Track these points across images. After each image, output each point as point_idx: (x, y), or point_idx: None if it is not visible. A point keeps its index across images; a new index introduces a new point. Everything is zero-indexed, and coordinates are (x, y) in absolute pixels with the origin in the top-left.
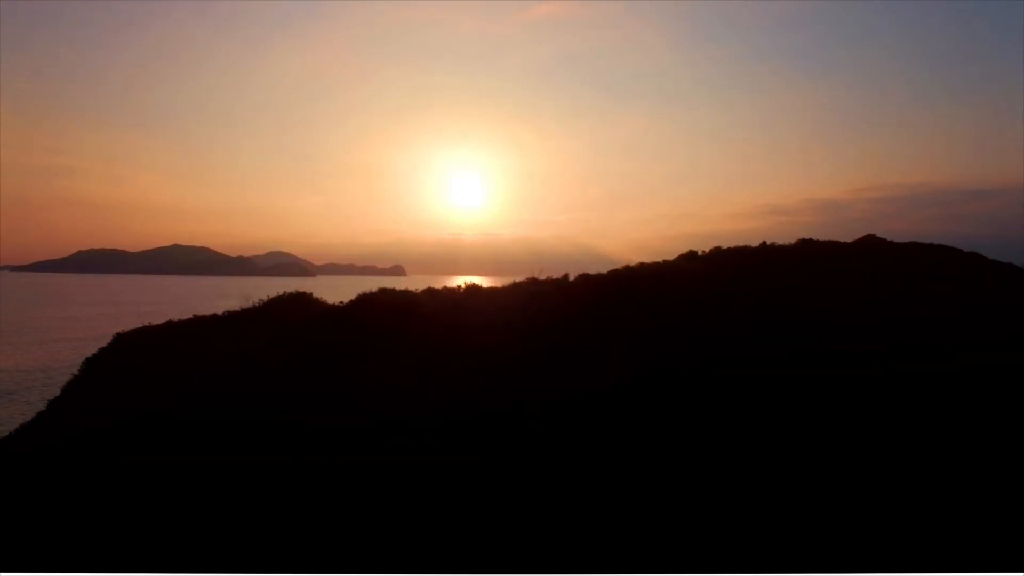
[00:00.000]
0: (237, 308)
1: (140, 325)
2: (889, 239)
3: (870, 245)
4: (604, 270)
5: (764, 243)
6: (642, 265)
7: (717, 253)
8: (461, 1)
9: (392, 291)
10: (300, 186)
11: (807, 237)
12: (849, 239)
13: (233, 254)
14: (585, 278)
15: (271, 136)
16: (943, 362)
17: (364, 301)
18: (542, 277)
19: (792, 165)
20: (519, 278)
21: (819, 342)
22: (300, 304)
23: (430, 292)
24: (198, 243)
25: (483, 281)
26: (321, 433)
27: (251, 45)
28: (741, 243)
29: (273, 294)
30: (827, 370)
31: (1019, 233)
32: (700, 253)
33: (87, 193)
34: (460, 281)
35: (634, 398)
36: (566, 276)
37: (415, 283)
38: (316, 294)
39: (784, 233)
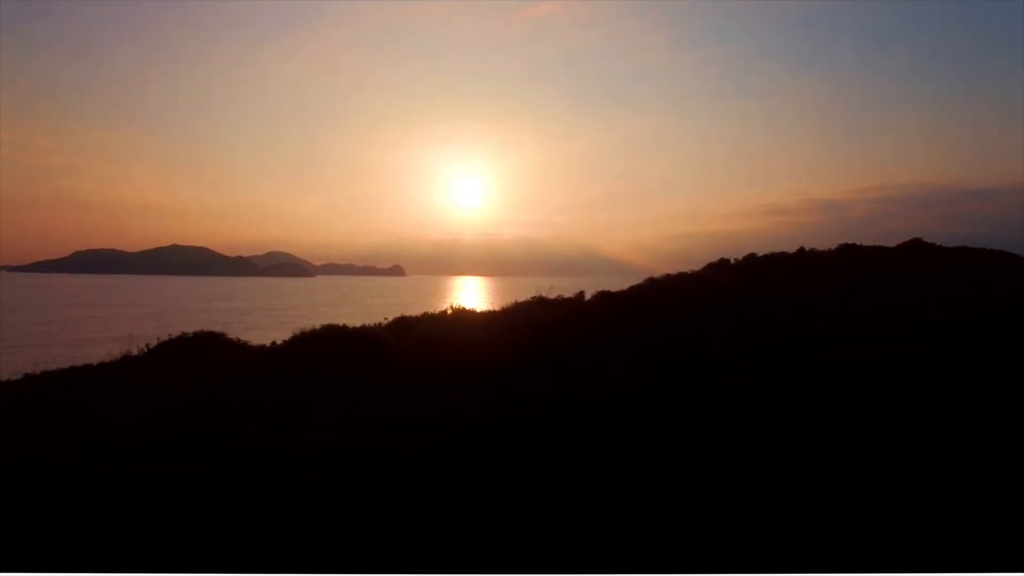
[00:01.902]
0: (118, 356)
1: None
2: (938, 243)
3: (914, 250)
4: (604, 271)
5: (802, 248)
6: (668, 276)
7: (751, 260)
8: (460, 1)
9: (343, 329)
10: (299, 186)
11: (849, 242)
12: (850, 240)
13: (232, 254)
14: (603, 296)
15: (270, 136)
16: (947, 367)
17: (302, 344)
18: (551, 296)
19: (792, 165)
20: (519, 279)
21: (829, 349)
22: (207, 347)
23: (402, 324)
24: (197, 243)
25: (482, 281)
26: (275, 453)
27: (250, 45)
28: (741, 243)
29: (273, 294)
30: (830, 376)
31: (1020, 233)
32: (733, 261)
33: (86, 193)
34: (460, 281)
35: (634, 409)
36: (581, 294)
37: (415, 283)
38: (314, 294)
39: (784, 233)
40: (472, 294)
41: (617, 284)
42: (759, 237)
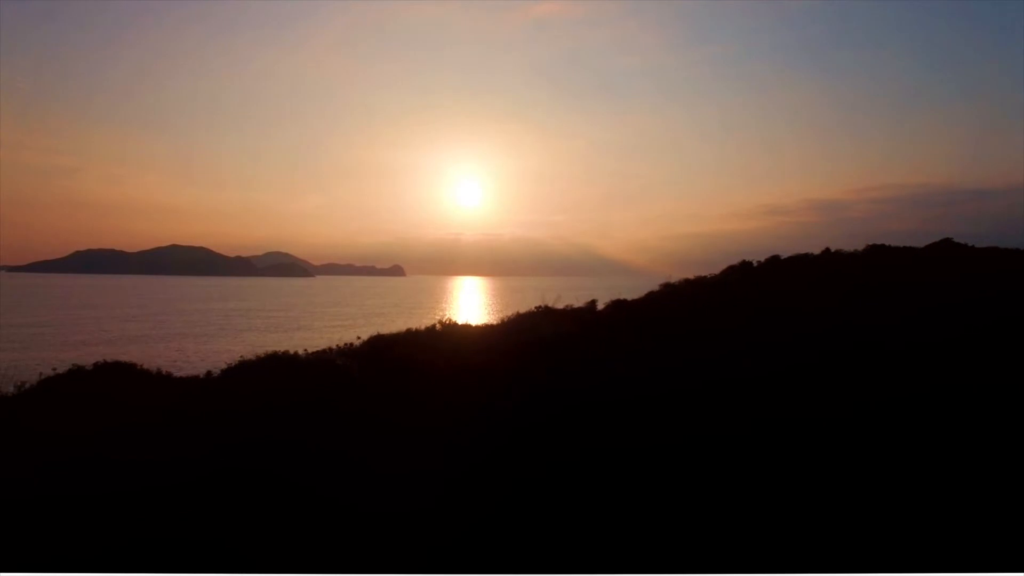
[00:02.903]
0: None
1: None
2: (969, 244)
3: (944, 251)
4: (604, 271)
5: (827, 249)
6: (687, 281)
7: (774, 263)
8: (460, 0)
9: (292, 359)
10: (299, 186)
11: (877, 243)
12: (851, 240)
13: (232, 254)
14: (618, 307)
15: (270, 136)
16: (945, 369)
17: (237, 378)
18: (559, 306)
19: (792, 165)
20: (519, 278)
21: (842, 354)
22: (111, 384)
23: (378, 344)
24: (196, 243)
25: (482, 281)
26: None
27: (250, 45)
28: (741, 243)
29: (273, 294)
30: (826, 379)
31: (1019, 233)
32: (755, 264)
33: (85, 193)
34: (460, 281)
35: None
36: (592, 304)
37: (414, 283)
38: (313, 295)
39: (784, 233)
40: (471, 295)
41: (618, 284)
42: (759, 237)
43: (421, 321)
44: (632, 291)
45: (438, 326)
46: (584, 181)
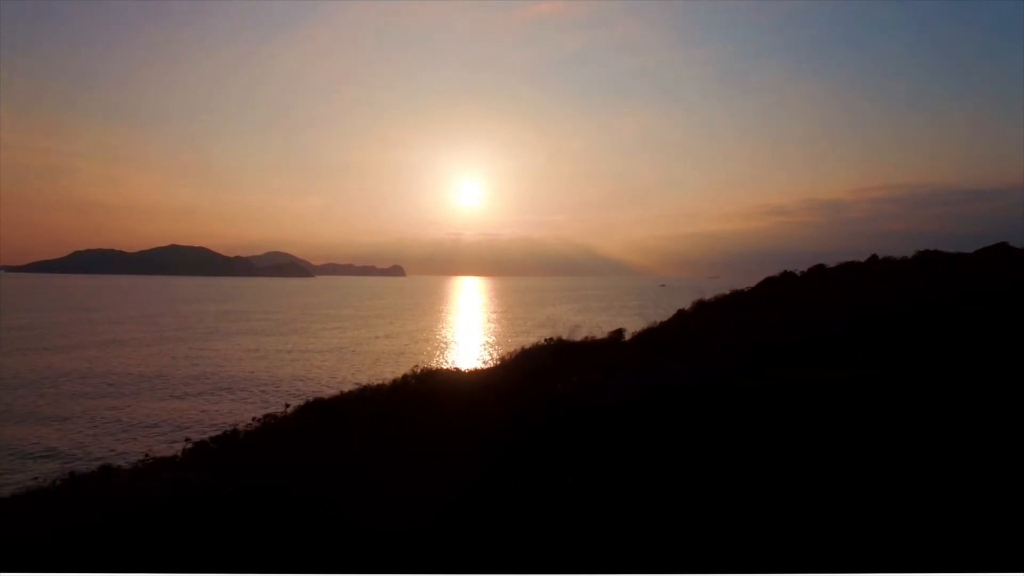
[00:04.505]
0: None
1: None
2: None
3: (996, 256)
4: (604, 271)
5: (875, 256)
6: (721, 297)
7: (818, 272)
8: (460, 0)
9: (93, 484)
10: (299, 186)
11: (928, 249)
12: (850, 240)
13: (231, 254)
14: (647, 338)
15: (269, 136)
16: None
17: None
18: (576, 338)
19: (792, 165)
20: (519, 279)
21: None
22: None
23: (314, 412)
24: (196, 243)
25: (482, 281)
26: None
27: (249, 45)
28: (741, 243)
29: (272, 295)
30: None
31: (1020, 233)
32: (799, 273)
33: (85, 193)
34: (460, 281)
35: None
36: (618, 334)
37: (414, 283)
38: (313, 295)
39: (785, 233)
40: (471, 296)
41: (618, 284)
42: (759, 237)
43: (418, 323)
44: (633, 291)
45: (411, 378)
46: (584, 181)
